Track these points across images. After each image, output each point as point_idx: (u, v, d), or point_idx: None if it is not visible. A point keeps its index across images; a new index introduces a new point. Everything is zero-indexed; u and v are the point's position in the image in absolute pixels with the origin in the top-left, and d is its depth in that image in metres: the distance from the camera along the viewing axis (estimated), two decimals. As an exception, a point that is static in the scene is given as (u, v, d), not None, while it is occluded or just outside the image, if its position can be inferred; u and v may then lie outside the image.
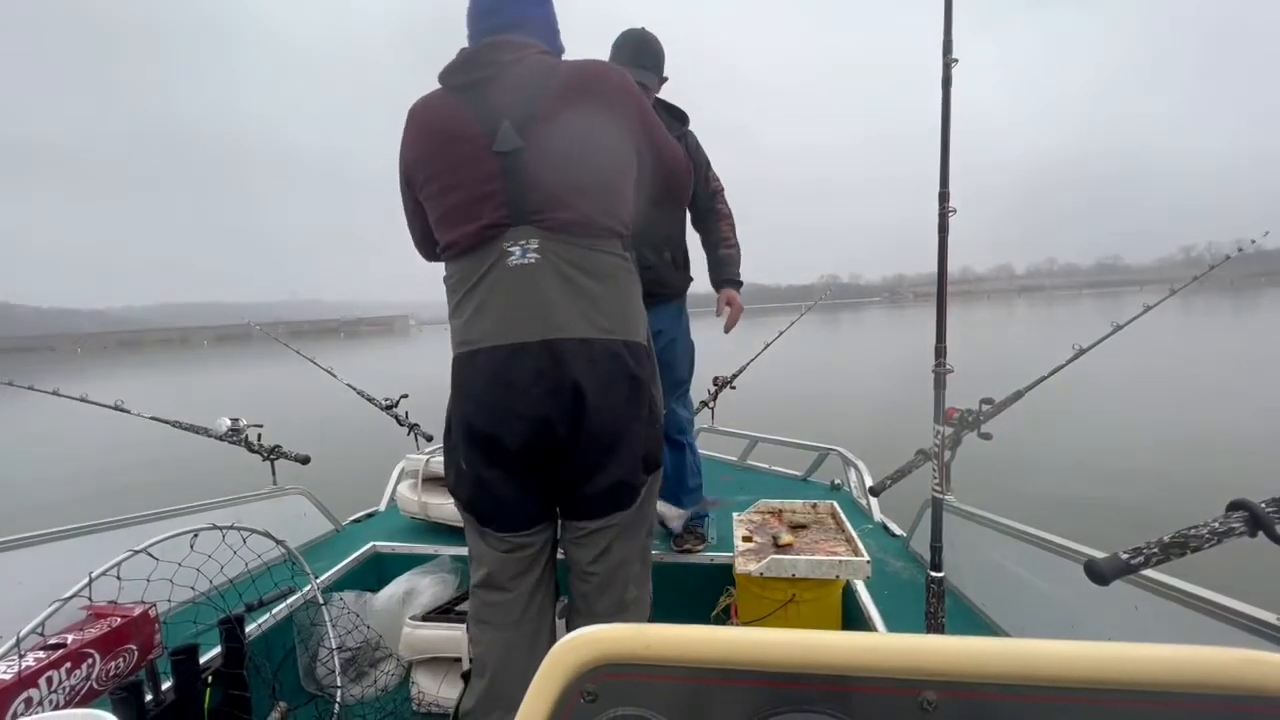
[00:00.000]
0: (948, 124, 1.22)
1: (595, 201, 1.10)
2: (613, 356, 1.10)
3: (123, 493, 6.78)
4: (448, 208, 1.13)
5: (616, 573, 1.20)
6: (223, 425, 2.49)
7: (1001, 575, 1.63)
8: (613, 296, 1.12)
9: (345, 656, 1.78)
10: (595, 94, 1.11)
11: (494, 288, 1.09)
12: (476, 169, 1.09)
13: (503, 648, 1.20)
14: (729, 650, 0.42)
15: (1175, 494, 5.06)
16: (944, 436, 1.32)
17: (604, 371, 1.09)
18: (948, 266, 1.26)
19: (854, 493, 2.78)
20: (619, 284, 1.14)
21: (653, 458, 1.21)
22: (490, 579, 1.22)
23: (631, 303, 1.17)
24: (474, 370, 1.11)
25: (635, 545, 1.22)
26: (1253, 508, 0.81)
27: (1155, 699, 0.37)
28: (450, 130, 1.12)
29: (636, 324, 1.17)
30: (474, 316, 1.11)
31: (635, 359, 1.14)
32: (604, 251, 1.12)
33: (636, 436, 1.15)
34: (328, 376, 3.22)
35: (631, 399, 1.13)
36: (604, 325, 1.10)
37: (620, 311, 1.13)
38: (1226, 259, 1.96)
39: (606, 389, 1.09)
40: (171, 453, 6.62)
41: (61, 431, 11.20)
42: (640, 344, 1.17)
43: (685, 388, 2.26)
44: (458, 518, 2.29)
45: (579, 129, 1.09)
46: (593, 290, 1.09)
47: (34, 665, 1.12)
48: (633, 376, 1.13)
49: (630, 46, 1.96)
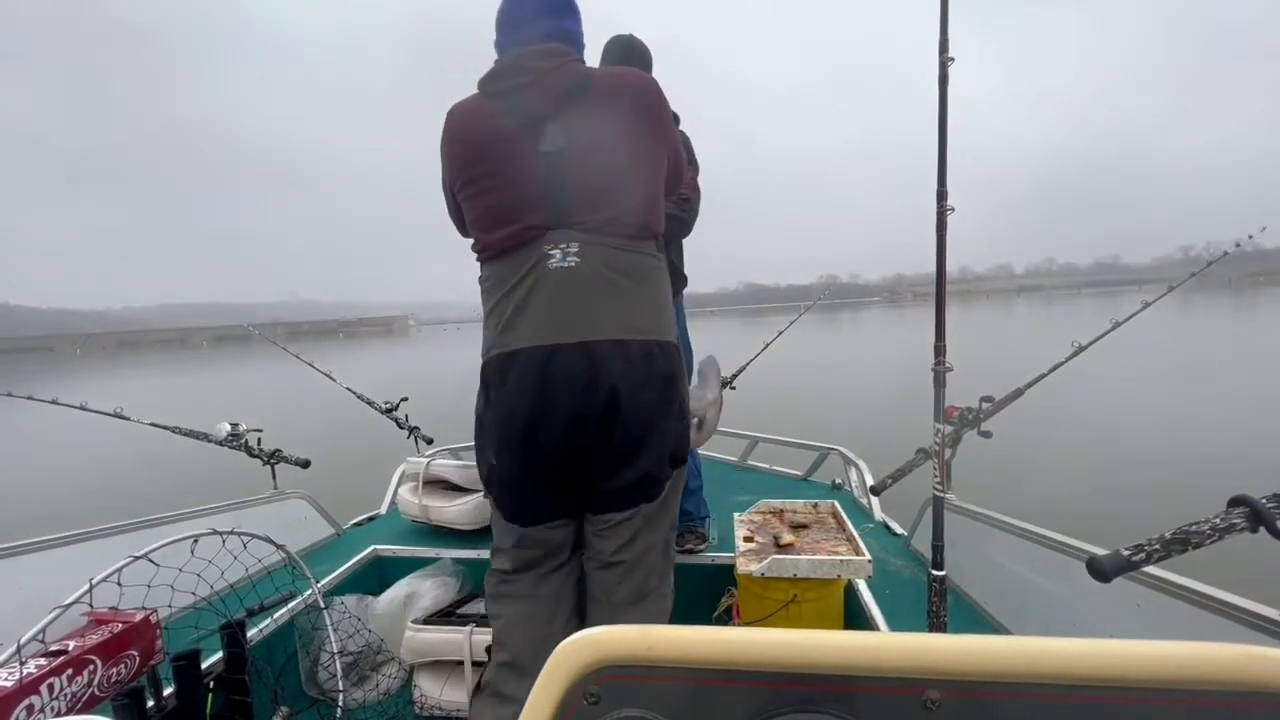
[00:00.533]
0: (944, 122, 1.22)
1: (633, 203, 1.14)
2: (647, 357, 1.14)
3: (123, 499, 6.78)
4: (484, 208, 1.16)
5: (639, 562, 1.22)
6: (223, 430, 2.49)
7: (1003, 573, 1.63)
8: (648, 297, 1.16)
9: (347, 660, 1.78)
10: (632, 99, 1.16)
11: (534, 289, 1.11)
12: (517, 170, 1.12)
13: (521, 620, 1.24)
14: (731, 651, 0.42)
15: (1176, 490, 5.06)
16: (944, 435, 1.32)
17: (639, 372, 1.12)
18: (946, 265, 1.26)
19: (855, 492, 2.78)
20: (654, 284, 1.18)
21: (680, 452, 1.23)
22: (511, 564, 1.25)
23: (665, 303, 1.21)
24: (513, 370, 1.13)
25: (658, 536, 1.24)
26: (1254, 503, 0.81)
27: (1159, 696, 0.37)
28: (490, 133, 1.14)
29: (669, 323, 1.21)
30: (514, 317, 1.13)
31: (668, 358, 1.18)
32: (640, 253, 1.15)
33: (666, 432, 1.17)
34: (323, 379, 3.22)
35: (664, 397, 1.16)
36: (640, 326, 1.14)
37: (655, 312, 1.17)
38: (1225, 255, 1.96)
39: (640, 388, 1.12)
40: (172, 458, 6.62)
41: (60, 437, 11.19)
42: (672, 343, 1.20)
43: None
44: (459, 521, 2.32)
45: (618, 132, 1.13)
46: (630, 291, 1.13)
47: (35, 672, 1.12)
48: (666, 375, 1.16)
49: (617, 51, 1.99)
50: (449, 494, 2.36)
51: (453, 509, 2.29)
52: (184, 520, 1.88)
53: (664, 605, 1.28)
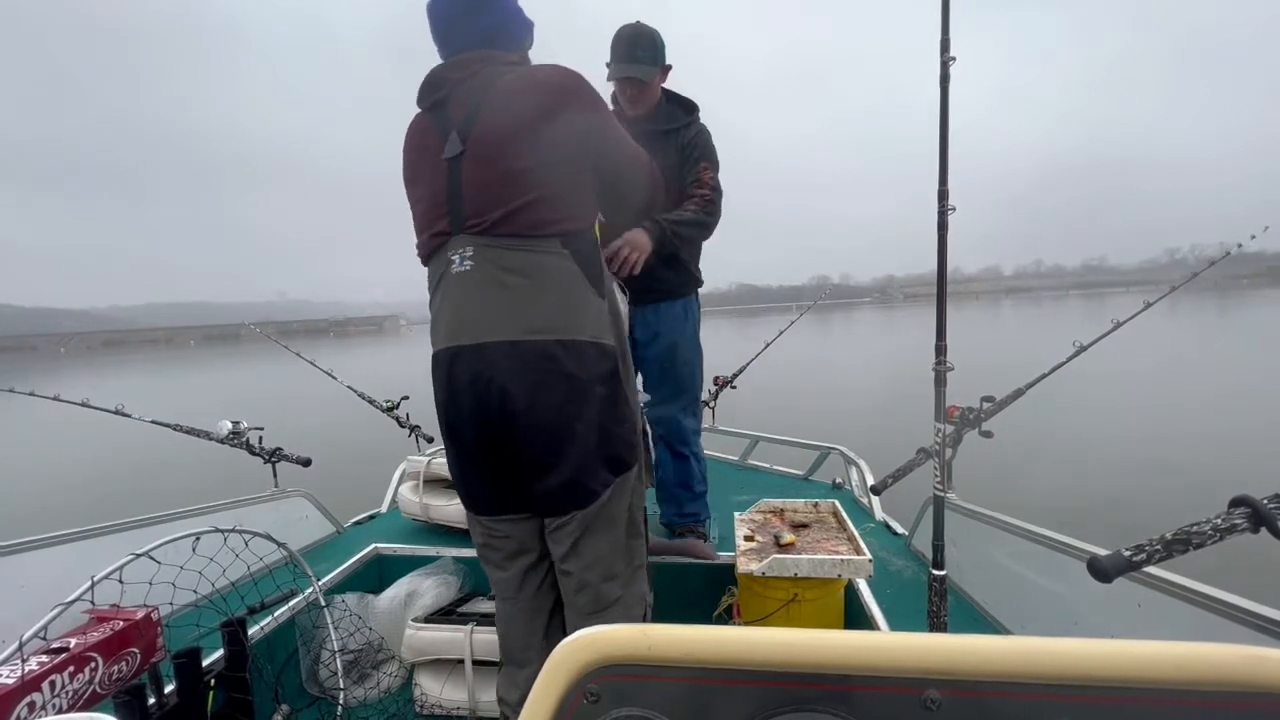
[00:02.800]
0: (945, 122, 1.21)
1: (527, 200, 1.13)
2: (545, 357, 1.13)
3: (122, 497, 6.78)
4: (415, 219, 1.25)
5: (588, 572, 1.23)
6: (223, 428, 2.49)
7: (1004, 573, 1.63)
8: (547, 295, 1.14)
9: (348, 659, 1.78)
10: (534, 99, 1.15)
11: (444, 295, 1.19)
12: (432, 180, 1.19)
13: (505, 616, 1.35)
14: (731, 650, 0.42)
15: (1177, 490, 5.05)
16: (945, 434, 1.32)
17: (535, 372, 1.12)
18: (947, 265, 1.26)
19: (855, 491, 2.78)
20: (554, 282, 1.15)
21: (618, 458, 1.22)
22: (486, 557, 1.33)
23: (572, 300, 1.16)
24: (434, 372, 1.22)
25: (606, 544, 1.23)
26: (1255, 504, 0.81)
27: (1160, 696, 0.37)
28: (419, 146, 1.23)
29: (579, 322, 1.16)
30: (434, 321, 1.21)
31: (575, 358, 1.14)
32: (539, 251, 1.14)
33: (584, 437, 1.16)
34: (321, 377, 3.22)
35: (572, 399, 1.14)
36: (537, 326, 1.13)
37: (556, 310, 1.15)
38: (1227, 255, 1.96)
39: (537, 389, 1.12)
40: (172, 456, 6.62)
41: (57, 435, 11.19)
42: (583, 341, 1.17)
43: (690, 396, 2.18)
44: (459, 519, 2.31)
45: (513, 132, 1.14)
46: (522, 290, 1.13)
47: (37, 669, 1.12)
48: (569, 375, 1.14)
49: (623, 42, 1.95)
50: (450, 492, 2.37)
51: (453, 507, 2.30)
52: (185, 518, 1.88)
53: (630, 614, 1.27)
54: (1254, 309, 33.64)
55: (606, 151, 1.24)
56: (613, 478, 1.21)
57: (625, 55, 1.95)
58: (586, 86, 1.21)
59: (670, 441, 2.18)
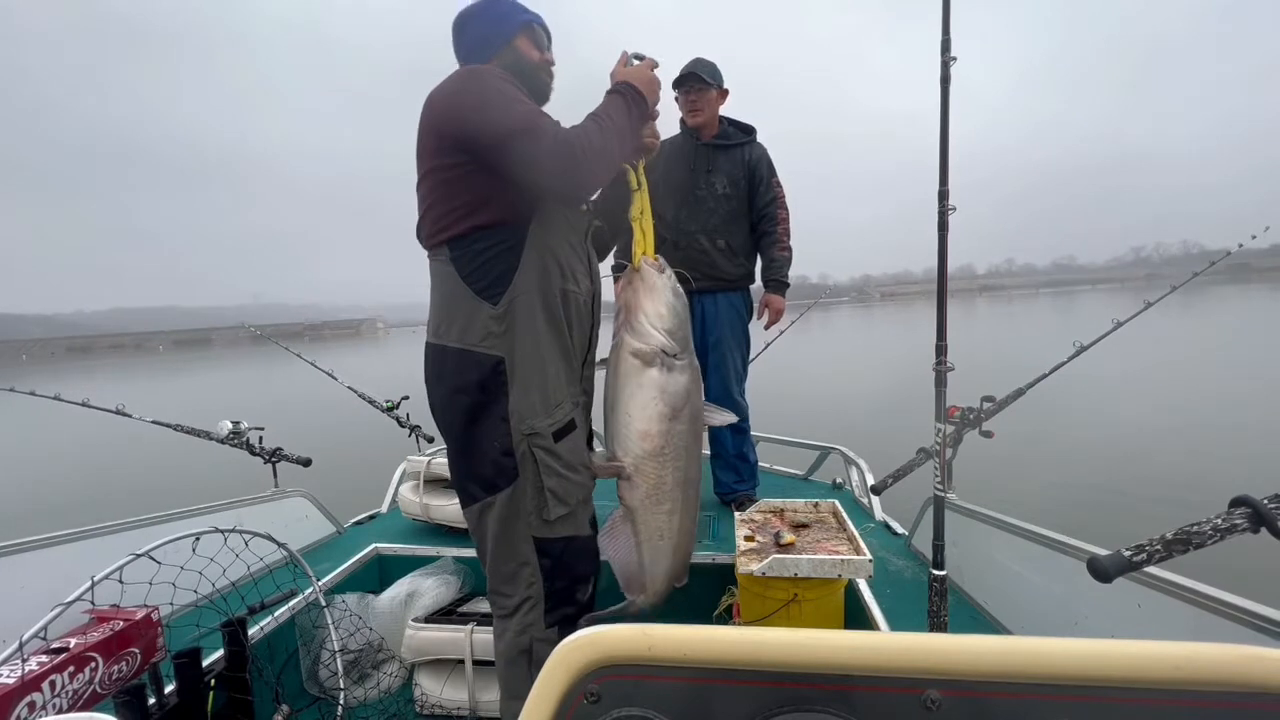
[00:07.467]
0: (946, 122, 1.21)
1: (423, 214, 1.23)
2: (430, 359, 1.26)
3: (122, 497, 6.78)
4: None
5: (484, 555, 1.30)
6: (224, 428, 2.49)
7: (1004, 573, 1.63)
8: (434, 301, 1.25)
9: (348, 659, 1.78)
10: (423, 116, 1.20)
11: None
12: None
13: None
14: (731, 650, 0.42)
15: (1177, 490, 5.05)
16: (945, 435, 1.32)
17: (429, 372, 1.26)
18: (948, 264, 1.25)
19: (855, 491, 2.77)
20: (438, 288, 1.24)
21: (481, 476, 1.20)
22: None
23: (448, 306, 1.22)
24: None
25: (486, 548, 1.27)
26: (1255, 504, 0.81)
27: (1160, 696, 0.37)
28: None
29: (448, 328, 1.22)
30: None
31: (441, 362, 1.23)
32: (435, 259, 1.24)
33: (458, 439, 1.23)
34: (318, 379, 3.22)
35: (444, 403, 1.24)
36: (432, 329, 1.25)
37: (438, 315, 1.24)
38: (1228, 254, 1.96)
39: (430, 386, 1.26)
40: (172, 456, 6.62)
41: (54, 436, 11.17)
42: (450, 348, 1.20)
43: (743, 377, 2.56)
44: (459, 519, 2.30)
45: (416, 152, 1.21)
46: (432, 298, 1.25)
47: (37, 669, 1.12)
48: (440, 377, 1.23)
49: (686, 65, 2.35)
50: (450, 492, 2.36)
51: (453, 507, 2.29)
52: (185, 518, 1.88)
53: (503, 624, 1.25)
54: (1215, 305, 33.31)
55: (479, 135, 1.12)
56: (482, 493, 1.22)
57: (687, 67, 2.34)
58: (460, 80, 1.17)
59: (740, 422, 2.47)
